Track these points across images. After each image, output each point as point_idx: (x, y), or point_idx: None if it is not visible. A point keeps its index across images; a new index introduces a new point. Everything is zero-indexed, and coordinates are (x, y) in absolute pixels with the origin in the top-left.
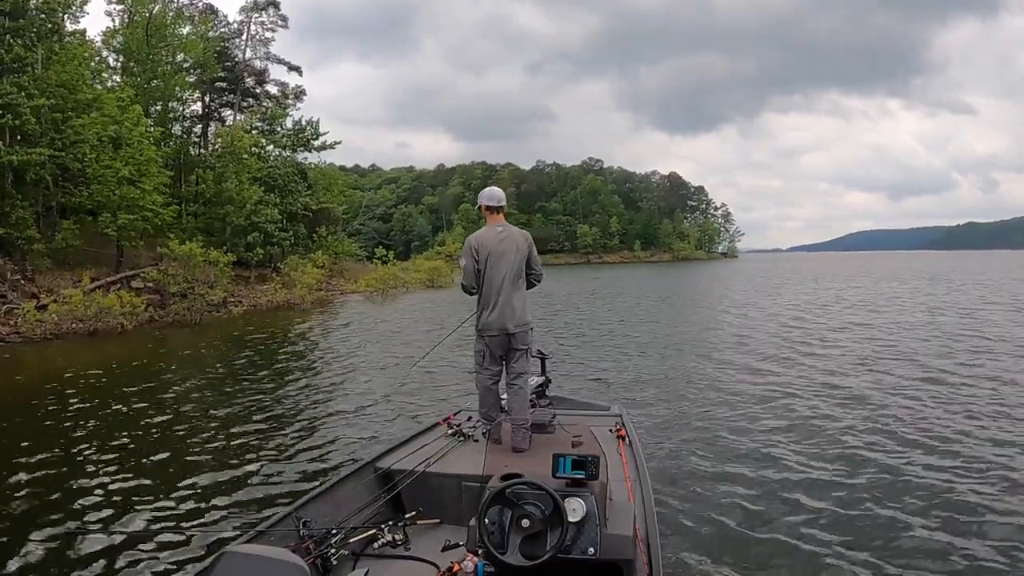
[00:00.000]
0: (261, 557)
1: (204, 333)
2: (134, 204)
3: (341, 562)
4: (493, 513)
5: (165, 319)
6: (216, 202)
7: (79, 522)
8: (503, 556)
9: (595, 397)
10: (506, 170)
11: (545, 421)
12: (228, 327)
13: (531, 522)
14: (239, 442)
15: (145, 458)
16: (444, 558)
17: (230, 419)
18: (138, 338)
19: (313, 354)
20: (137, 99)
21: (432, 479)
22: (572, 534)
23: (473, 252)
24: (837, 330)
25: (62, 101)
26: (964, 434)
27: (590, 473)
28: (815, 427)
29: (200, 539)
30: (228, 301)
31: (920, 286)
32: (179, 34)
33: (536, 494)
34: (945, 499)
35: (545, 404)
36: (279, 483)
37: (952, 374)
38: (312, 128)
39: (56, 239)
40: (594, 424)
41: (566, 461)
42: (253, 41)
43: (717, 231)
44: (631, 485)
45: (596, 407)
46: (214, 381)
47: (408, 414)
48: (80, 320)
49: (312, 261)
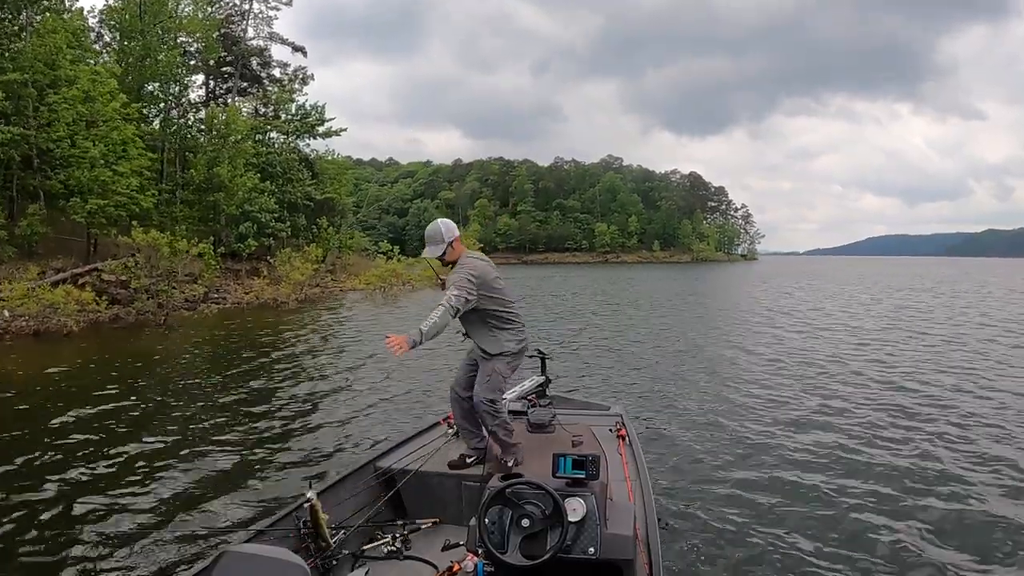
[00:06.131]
0: (261, 557)
1: (160, 337)
2: (106, 188)
3: (341, 561)
4: (493, 513)
5: (127, 319)
6: (207, 188)
7: (79, 523)
8: (503, 556)
9: (596, 397)
10: (523, 166)
11: (545, 421)
12: (196, 329)
13: (531, 522)
14: (239, 444)
15: (145, 459)
16: (444, 558)
17: (229, 420)
18: (84, 341)
19: (282, 368)
20: (129, 77)
21: (432, 479)
22: (572, 534)
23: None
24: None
25: (41, 76)
26: (976, 443)
27: (590, 473)
28: (817, 429)
29: (200, 539)
30: (210, 297)
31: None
32: (176, 11)
33: (536, 494)
34: (946, 505)
35: (545, 404)
36: (279, 483)
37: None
38: (317, 113)
39: (21, 225)
40: (594, 424)
41: (566, 461)
42: (256, 20)
43: (737, 232)
44: (631, 485)
45: (596, 407)
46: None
47: (409, 414)
48: (25, 317)
49: (304, 255)
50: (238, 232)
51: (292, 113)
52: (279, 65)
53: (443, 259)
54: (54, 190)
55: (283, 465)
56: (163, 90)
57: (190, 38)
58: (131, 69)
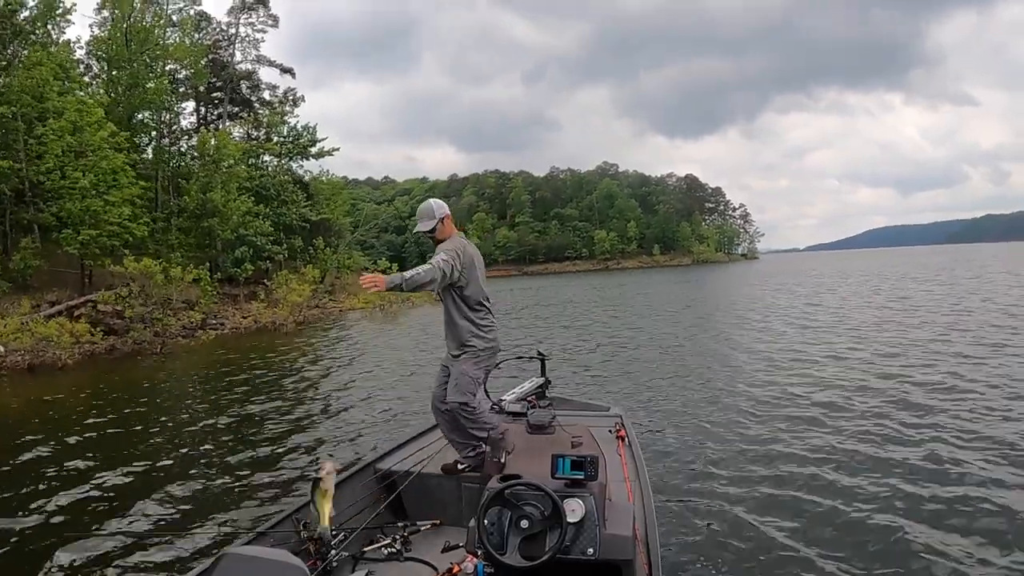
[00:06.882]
0: (261, 559)
1: (157, 366)
2: (98, 218)
3: (341, 564)
4: (492, 514)
5: (123, 349)
6: (201, 214)
7: (80, 527)
8: (502, 557)
9: (596, 397)
10: (519, 177)
11: (545, 422)
12: (193, 356)
13: (530, 523)
14: (239, 451)
15: (145, 462)
16: (444, 559)
17: (228, 432)
18: (79, 372)
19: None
20: (119, 107)
21: (432, 480)
22: (571, 535)
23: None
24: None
25: (29, 109)
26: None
27: (589, 473)
28: (817, 428)
29: (200, 541)
30: (207, 323)
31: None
32: (163, 40)
33: (535, 495)
34: (949, 501)
35: (545, 405)
36: (279, 485)
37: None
38: (309, 134)
39: (14, 259)
40: (594, 425)
41: (565, 461)
42: (243, 43)
43: (736, 232)
44: (630, 485)
45: (596, 407)
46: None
47: (411, 417)
48: (20, 352)
49: (301, 276)
50: (234, 257)
51: (284, 135)
52: (268, 87)
53: (433, 236)
54: (47, 222)
55: (283, 468)
56: (153, 118)
57: (178, 65)
58: (120, 98)
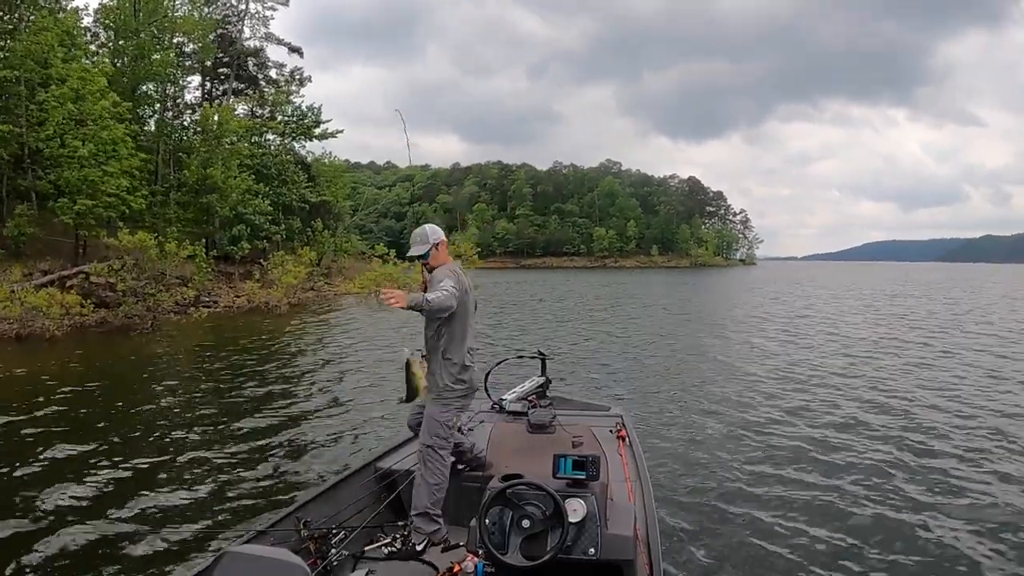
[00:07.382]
0: (261, 557)
1: (147, 342)
2: (95, 188)
3: (341, 562)
4: (494, 513)
5: (113, 323)
6: (200, 189)
7: (76, 526)
8: (503, 557)
9: (596, 397)
10: (522, 170)
11: (545, 421)
12: (184, 333)
13: (532, 523)
14: (236, 447)
15: (143, 457)
16: (444, 558)
17: (220, 425)
18: (68, 344)
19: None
20: (124, 77)
21: None
22: (573, 534)
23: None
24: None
25: (32, 75)
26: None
27: (591, 473)
28: (817, 429)
29: (201, 540)
30: (200, 301)
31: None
32: (172, 12)
33: (537, 495)
34: (950, 501)
35: (546, 405)
36: (279, 484)
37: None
38: (314, 115)
39: (8, 226)
40: (595, 424)
41: (567, 461)
42: (252, 20)
43: (736, 237)
44: (631, 486)
45: (597, 407)
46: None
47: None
48: (8, 320)
49: (297, 258)
50: (231, 234)
51: (288, 115)
52: (276, 66)
53: (426, 262)
54: (44, 190)
55: (283, 467)
56: (158, 90)
57: (186, 38)
58: (125, 69)
